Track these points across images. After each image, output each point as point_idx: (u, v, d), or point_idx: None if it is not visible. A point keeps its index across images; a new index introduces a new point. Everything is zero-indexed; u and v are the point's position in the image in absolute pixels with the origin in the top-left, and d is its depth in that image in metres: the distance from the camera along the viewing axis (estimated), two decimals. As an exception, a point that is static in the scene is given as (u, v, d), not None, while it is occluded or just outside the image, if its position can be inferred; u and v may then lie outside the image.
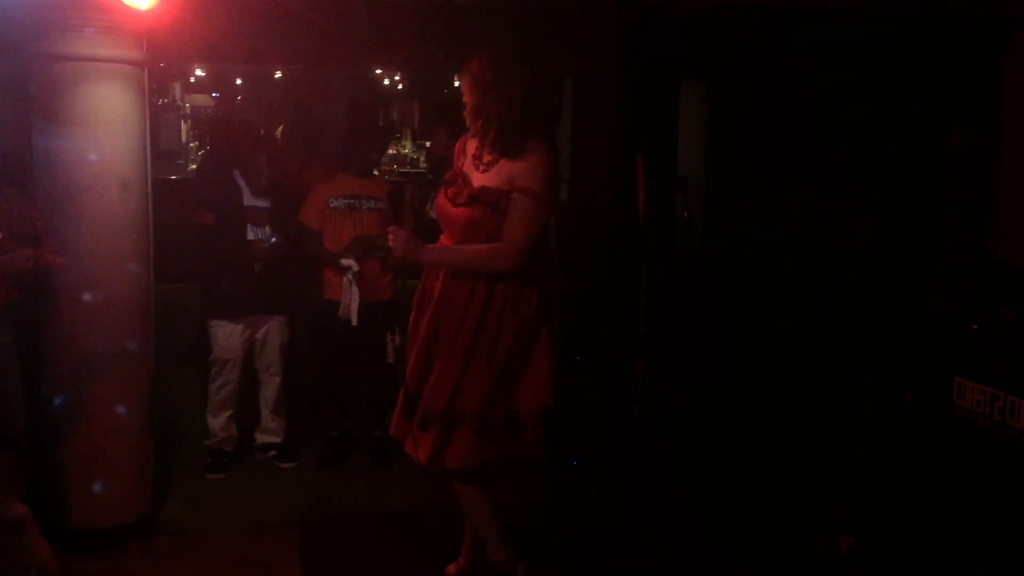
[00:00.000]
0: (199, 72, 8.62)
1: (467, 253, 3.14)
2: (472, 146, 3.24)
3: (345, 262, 4.76)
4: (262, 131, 7.07)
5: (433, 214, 4.85)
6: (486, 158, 3.16)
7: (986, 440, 3.31)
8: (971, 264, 4.14)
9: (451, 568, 3.61)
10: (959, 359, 3.49)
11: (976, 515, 3.34)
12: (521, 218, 3.06)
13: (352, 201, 4.87)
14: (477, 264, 3.12)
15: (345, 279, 4.76)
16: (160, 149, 7.32)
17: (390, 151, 9.46)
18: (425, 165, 8.74)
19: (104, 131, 3.75)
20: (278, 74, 8.60)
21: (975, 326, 3.49)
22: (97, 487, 3.88)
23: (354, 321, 4.75)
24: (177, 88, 8.68)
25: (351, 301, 4.74)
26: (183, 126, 8.43)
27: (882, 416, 3.85)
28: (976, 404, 3.36)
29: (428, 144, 8.76)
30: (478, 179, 3.16)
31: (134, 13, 3.63)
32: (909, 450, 3.67)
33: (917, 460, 3.61)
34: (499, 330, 3.13)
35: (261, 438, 5.08)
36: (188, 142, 8.52)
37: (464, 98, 3.17)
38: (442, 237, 3.31)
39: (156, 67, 4.28)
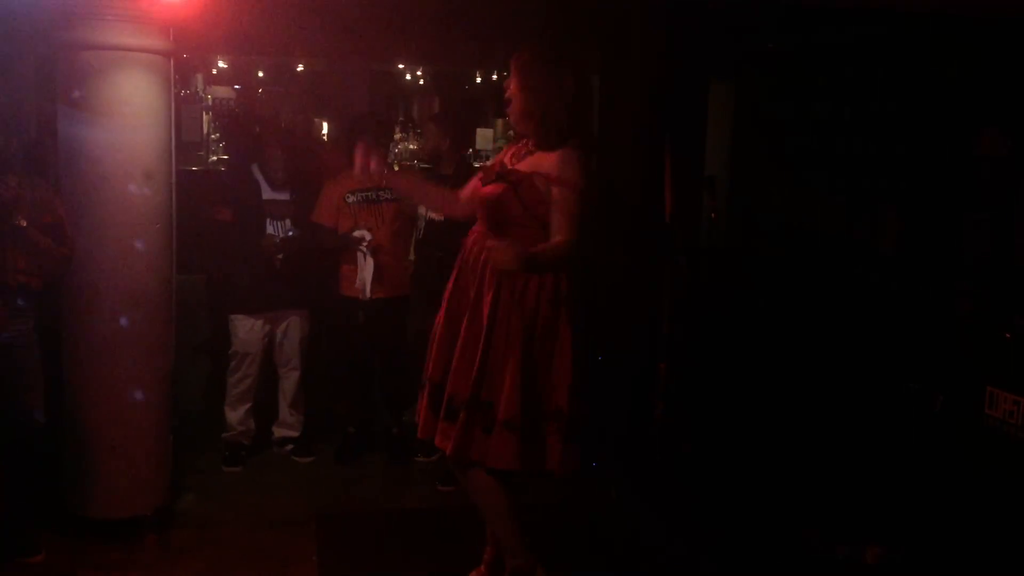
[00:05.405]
0: (221, 64, 8.61)
1: (550, 252, 3.09)
2: (512, 150, 3.27)
3: (358, 233, 4.74)
4: (283, 124, 7.07)
5: (432, 215, 4.82)
6: (524, 153, 3.19)
7: (1018, 451, 3.25)
8: (1003, 270, 4.07)
9: (472, 575, 3.55)
10: (991, 368, 3.42)
11: (1006, 528, 3.27)
12: (563, 211, 3.05)
13: (369, 194, 4.84)
14: (556, 259, 3.09)
15: (359, 253, 4.73)
16: (182, 140, 7.32)
17: (411, 146, 9.40)
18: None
19: (129, 120, 3.73)
20: (300, 67, 8.57)
21: (1008, 335, 3.42)
22: (114, 478, 3.87)
23: (367, 293, 4.72)
24: (200, 79, 8.67)
25: (367, 273, 4.72)
26: (205, 118, 8.43)
27: (911, 423, 3.79)
28: (1008, 415, 3.30)
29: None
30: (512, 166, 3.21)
31: (161, 2, 3.62)
32: (938, 458, 3.61)
33: (946, 469, 3.55)
34: (509, 317, 3.09)
35: (279, 432, 5.06)
36: (209, 134, 8.52)
37: (510, 98, 3.17)
38: (476, 224, 3.29)
39: (180, 58, 4.27)
